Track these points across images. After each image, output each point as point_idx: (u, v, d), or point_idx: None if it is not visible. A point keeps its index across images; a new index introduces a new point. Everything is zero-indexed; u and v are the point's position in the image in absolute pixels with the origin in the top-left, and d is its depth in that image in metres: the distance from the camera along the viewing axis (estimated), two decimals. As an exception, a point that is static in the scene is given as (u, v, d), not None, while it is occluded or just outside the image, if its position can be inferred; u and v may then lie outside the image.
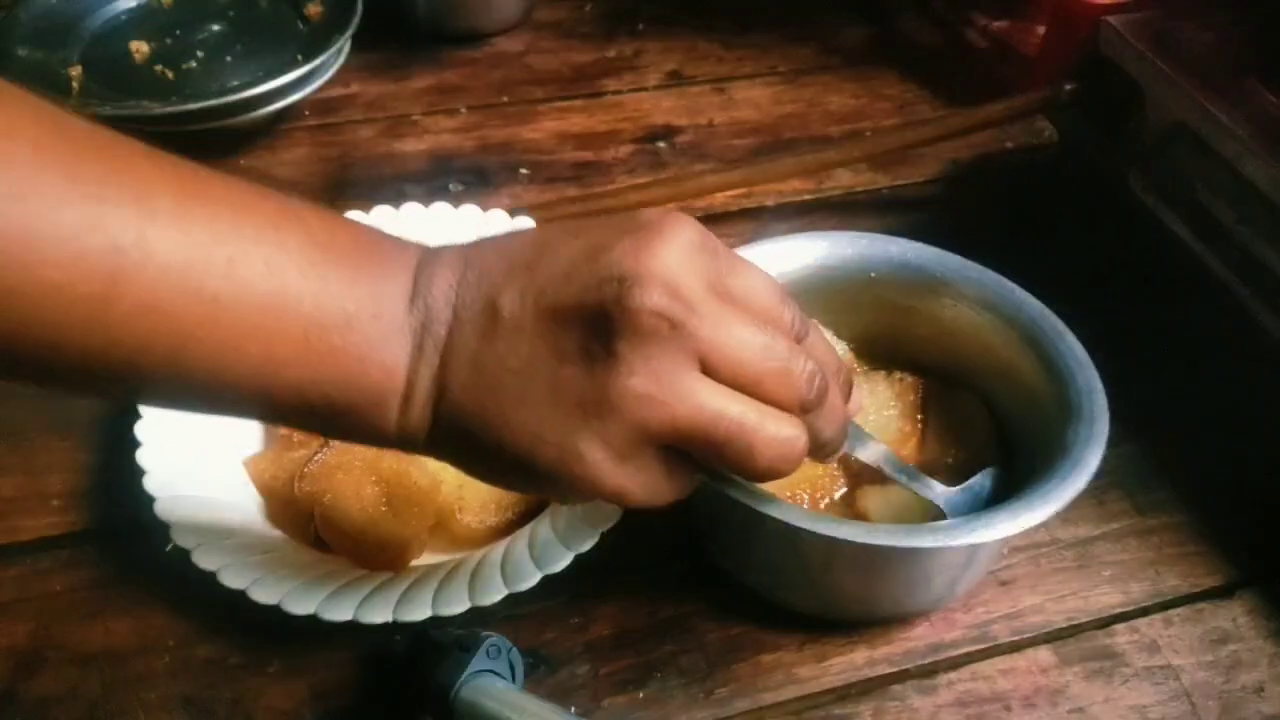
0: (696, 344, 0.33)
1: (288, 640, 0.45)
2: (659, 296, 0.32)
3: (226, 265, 0.30)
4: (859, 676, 0.46)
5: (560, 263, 0.33)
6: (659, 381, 0.32)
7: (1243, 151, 0.55)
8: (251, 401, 0.33)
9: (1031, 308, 0.50)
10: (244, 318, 0.31)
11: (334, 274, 0.32)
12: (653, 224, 0.34)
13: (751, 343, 0.34)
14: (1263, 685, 0.47)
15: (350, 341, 0.32)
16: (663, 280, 0.32)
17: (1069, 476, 0.43)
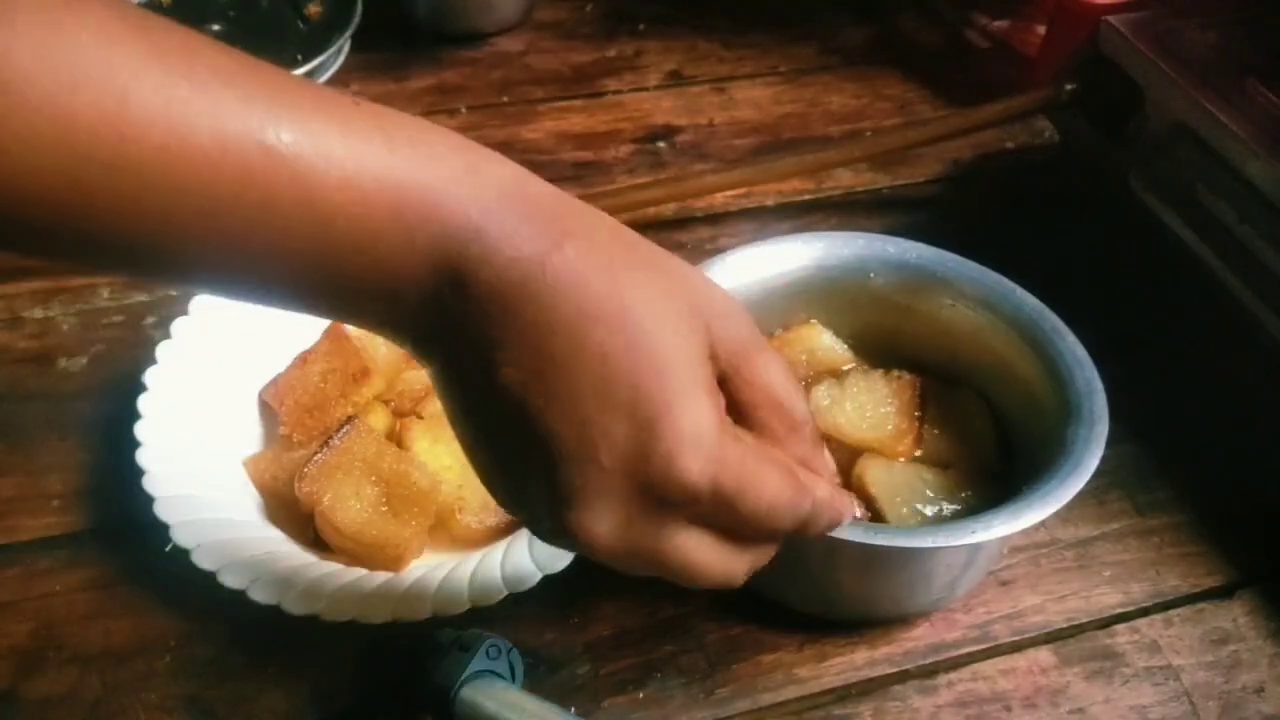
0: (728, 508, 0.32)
1: (288, 640, 0.45)
2: (697, 474, 0.31)
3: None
4: (859, 677, 0.46)
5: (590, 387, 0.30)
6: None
7: (1243, 151, 0.55)
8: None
9: (1031, 307, 0.50)
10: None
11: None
12: (668, 396, 0.30)
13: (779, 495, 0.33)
14: (1263, 685, 0.47)
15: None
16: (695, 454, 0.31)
17: (1069, 477, 0.43)
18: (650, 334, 0.30)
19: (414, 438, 0.51)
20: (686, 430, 0.30)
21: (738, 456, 0.32)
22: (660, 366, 0.30)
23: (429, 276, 0.30)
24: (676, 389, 0.30)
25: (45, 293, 0.62)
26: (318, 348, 0.54)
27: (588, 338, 0.30)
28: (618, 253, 0.31)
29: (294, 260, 0.29)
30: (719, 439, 0.31)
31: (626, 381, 0.30)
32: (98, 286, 0.62)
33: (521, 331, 0.30)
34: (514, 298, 0.30)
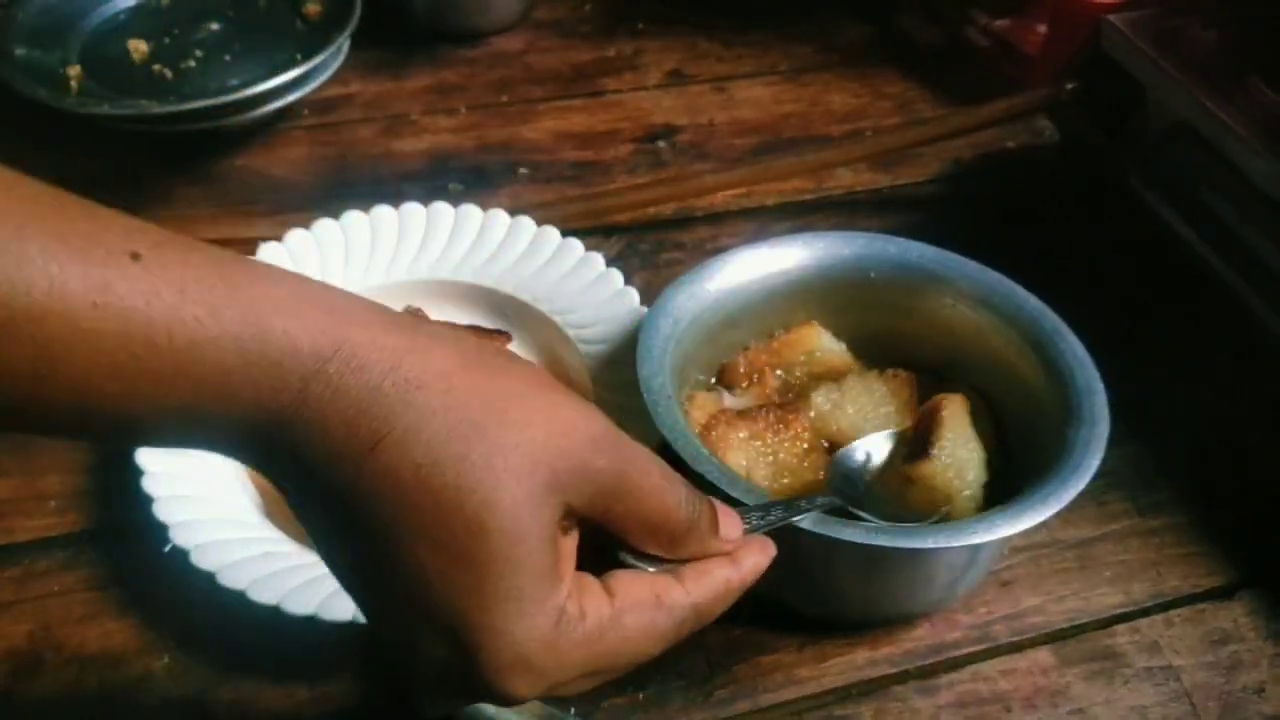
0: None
1: (287, 641, 0.45)
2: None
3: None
4: (859, 677, 0.46)
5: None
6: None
7: (1244, 150, 0.55)
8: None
9: (1032, 307, 0.50)
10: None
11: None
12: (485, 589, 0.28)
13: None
14: (1263, 685, 0.46)
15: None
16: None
17: (1069, 477, 0.43)
18: (473, 541, 0.28)
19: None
20: (507, 658, 0.28)
21: (580, 642, 0.30)
22: (481, 581, 0.28)
23: (259, 443, 0.28)
24: (499, 609, 0.28)
25: (44, 292, 0.62)
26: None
27: (406, 551, 0.28)
28: (448, 423, 0.28)
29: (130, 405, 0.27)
30: (553, 649, 0.29)
31: (443, 604, 0.28)
32: (96, 286, 0.62)
33: (347, 527, 0.28)
34: (335, 491, 0.28)
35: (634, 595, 0.31)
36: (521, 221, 0.61)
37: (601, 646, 0.30)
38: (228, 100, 0.67)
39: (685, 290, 0.51)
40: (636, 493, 0.31)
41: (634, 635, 0.31)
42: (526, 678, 0.29)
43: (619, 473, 0.30)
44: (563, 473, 0.29)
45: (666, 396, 0.45)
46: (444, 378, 0.28)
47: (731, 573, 0.34)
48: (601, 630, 0.30)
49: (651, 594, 0.32)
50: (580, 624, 0.30)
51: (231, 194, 0.69)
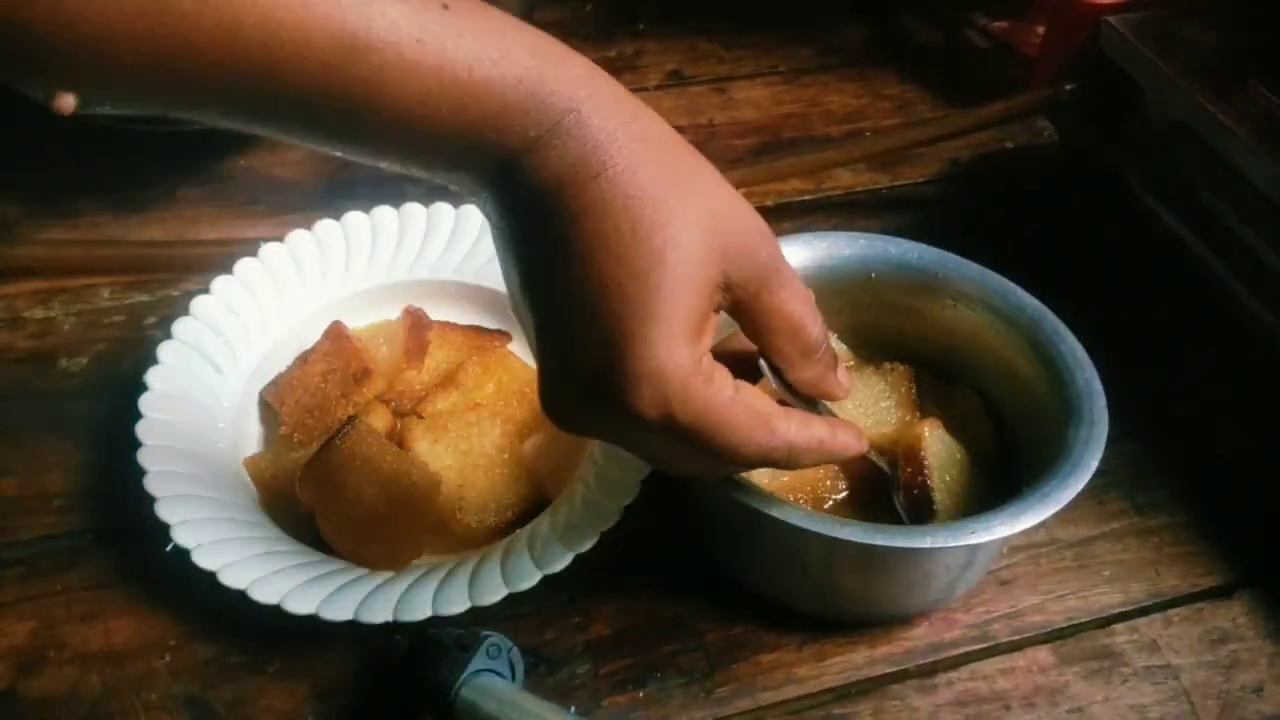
0: None
1: (288, 640, 0.45)
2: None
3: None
4: (859, 676, 0.46)
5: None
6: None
7: (1243, 151, 0.55)
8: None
9: (1031, 308, 0.50)
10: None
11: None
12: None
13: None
14: (1262, 685, 0.47)
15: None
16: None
17: (1068, 477, 0.43)
18: (651, 266, 0.33)
19: (415, 438, 0.51)
20: (647, 365, 0.33)
21: (702, 401, 0.34)
22: (647, 301, 0.33)
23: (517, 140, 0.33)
24: (655, 326, 0.33)
25: (46, 293, 0.62)
26: (318, 348, 0.54)
27: (598, 263, 0.33)
28: (660, 173, 0.34)
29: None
30: (683, 381, 0.33)
31: (614, 310, 0.33)
32: (98, 286, 0.62)
33: (556, 242, 0.34)
34: (555, 207, 0.33)
35: (753, 400, 0.36)
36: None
37: (712, 416, 0.34)
38: (229, 101, 0.68)
39: (685, 290, 0.51)
40: (784, 290, 0.36)
41: (737, 427, 0.35)
42: (653, 394, 0.33)
43: (775, 266, 0.36)
44: (732, 244, 0.35)
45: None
46: (663, 140, 0.36)
47: (828, 434, 0.38)
48: (718, 402, 0.34)
49: (765, 410, 0.36)
50: (708, 383, 0.34)
51: (233, 194, 0.70)
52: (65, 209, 0.67)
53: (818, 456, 0.38)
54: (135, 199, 0.68)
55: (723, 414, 0.35)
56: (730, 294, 0.36)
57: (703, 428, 0.34)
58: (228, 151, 0.72)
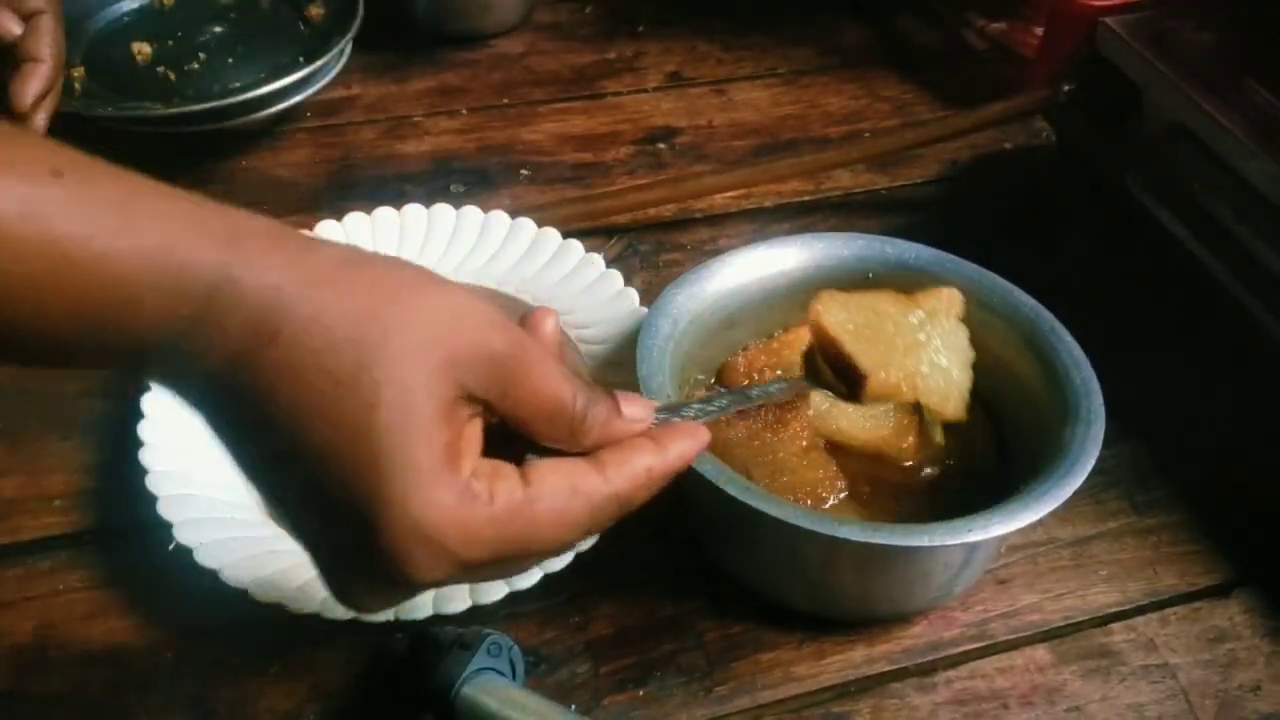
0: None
1: (289, 639, 0.46)
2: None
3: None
4: (858, 674, 0.46)
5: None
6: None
7: (1241, 151, 0.55)
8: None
9: (1029, 307, 0.50)
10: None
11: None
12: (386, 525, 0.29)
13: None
14: (1259, 684, 0.47)
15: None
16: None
17: (1066, 476, 0.43)
18: (366, 417, 0.28)
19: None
20: (406, 527, 0.28)
21: (486, 525, 0.30)
22: (375, 458, 0.28)
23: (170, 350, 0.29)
24: (395, 482, 0.28)
25: (47, 293, 0.62)
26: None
27: (308, 433, 0.28)
28: (346, 310, 0.29)
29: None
30: (455, 522, 0.29)
31: (345, 480, 0.28)
32: (99, 287, 0.62)
33: (254, 423, 0.29)
34: (238, 391, 0.29)
35: (549, 482, 0.31)
36: (522, 223, 0.62)
37: (512, 530, 0.30)
38: (231, 102, 0.68)
39: (685, 290, 0.51)
40: (532, 376, 0.31)
41: (547, 522, 0.31)
42: (428, 551, 0.29)
43: (514, 355, 0.31)
44: (459, 351, 0.29)
45: (666, 396, 0.46)
46: (339, 273, 0.29)
47: (655, 460, 0.33)
48: (512, 514, 0.30)
49: (568, 482, 0.31)
50: (488, 504, 0.30)
51: (234, 196, 0.70)
52: (66, 210, 0.67)
53: (656, 483, 0.33)
54: (136, 200, 0.68)
55: (522, 523, 0.30)
56: (476, 402, 0.30)
57: (507, 547, 0.30)
58: (229, 152, 0.72)
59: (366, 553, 0.29)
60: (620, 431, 0.33)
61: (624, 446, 0.33)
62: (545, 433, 0.32)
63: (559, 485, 0.31)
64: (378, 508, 0.28)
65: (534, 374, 0.31)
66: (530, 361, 0.31)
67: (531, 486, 0.31)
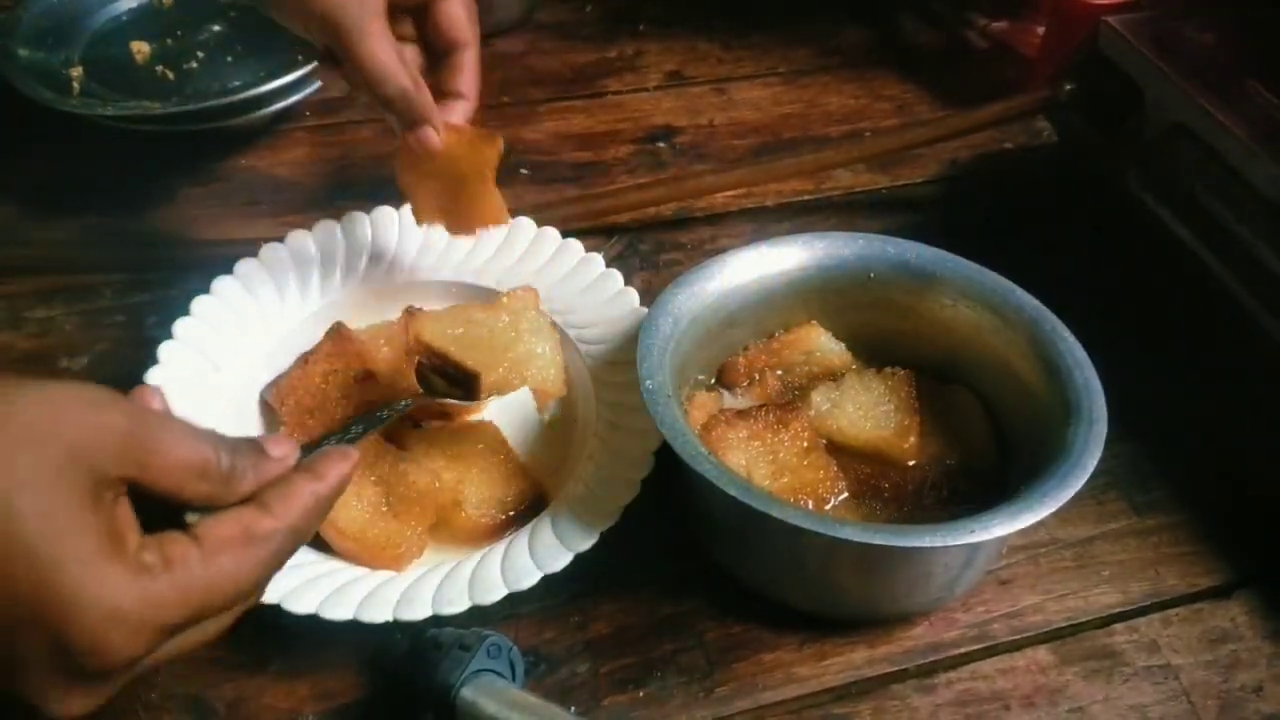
0: None
1: (288, 639, 0.45)
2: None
3: None
4: (859, 675, 0.46)
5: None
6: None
7: (1242, 151, 0.55)
8: None
9: (1030, 307, 0.50)
10: None
11: None
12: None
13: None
14: (1261, 685, 0.47)
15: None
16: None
17: (1067, 476, 0.43)
18: (11, 529, 0.28)
19: (410, 443, 0.51)
20: (96, 617, 0.29)
21: (171, 587, 0.30)
22: (36, 562, 0.28)
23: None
24: (64, 576, 0.29)
25: (47, 292, 0.62)
26: (319, 349, 0.54)
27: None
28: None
29: None
30: (138, 597, 0.30)
31: (19, 607, 0.28)
32: (99, 286, 0.62)
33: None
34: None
35: (221, 534, 0.32)
36: (522, 222, 0.61)
37: (198, 588, 0.31)
38: (230, 102, 0.68)
39: (685, 290, 0.51)
40: (163, 441, 0.31)
41: (230, 571, 0.31)
42: (124, 629, 0.29)
43: (137, 425, 0.31)
44: (77, 441, 0.30)
45: (666, 396, 0.46)
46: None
47: (318, 486, 0.34)
48: (193, 574, 0.31)
49: (239, 529, 0.32)
50: (166, 572, 0.30)
51: (233, 194, 0.70)
52: (66, 209, 0.67)
53: (323, 508, 0.35)
54: (135, 199, 0.68)
55: (206, 579, 0.31)
56: (115, 483, 0.30)
57: (198, 603, 0.31)
58: (228, 152, 0.72)
59: (67, 655, 0.29)
60: (272, 471, 0.34)
61: (283, 483, 0.34)
62: (199, 492, 0.32)
63: (231, 533, 0.32)
64: (60, 610, 0.29)
65: (165, 439, 0.31)
66: (156, 427, 0.31)
67: (204, 543, 0.31)
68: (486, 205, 0.54)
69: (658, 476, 0.48)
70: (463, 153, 0.52)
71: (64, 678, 0.30)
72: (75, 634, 0.29)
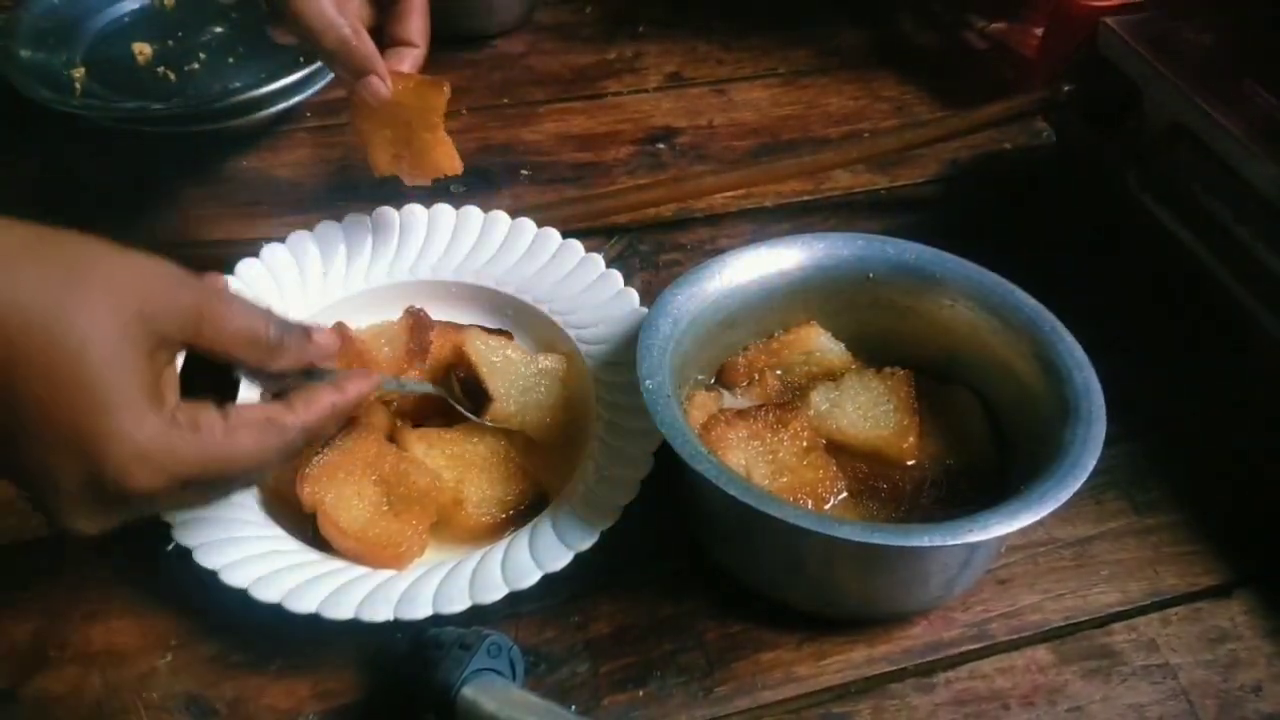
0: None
1: (289, 639, 0.46)
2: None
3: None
4: (858, 675, 0.46)
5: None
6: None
7: (1241, 151, 0.55)
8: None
9: (1029, 308, 0.50)
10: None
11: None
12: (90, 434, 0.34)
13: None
14: (1260, 684, 0.47)
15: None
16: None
17: (1066, 476, 0.43)
18: (78, 367, 0.33)
19: (410, 442, 0.51)
20: (128, 453, 0.34)
21: (197, 446, 0.36)
22: (91, 398, 0.33)
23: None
24: (110, 415, 0.34)
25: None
26: (319, 348, 0.54)
27: (23, 393, 0.33)
28: (43, 279, 0.33)
29: None
30: (165, 443, 0.35)
31: (67, 425, 0.33)
32: (100, 287, 0.62)
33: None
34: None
35: (246, 417, 0.38)
36: (522, 223, 0.62)
37: (215, 452, 0.36)
38: (231, 103, 0.68)
39: (685, 290, 0.51)
40: (223, 316, 0.38)
41: (246, 447, 0.37)
42: (146, 469, 0.34)
43: (202, 301, 0.37)
44: (149, 306, 0.35)
45: (666, 396, 0.46)
46: (26, 246, 0.34)
47: (337, 397, 0.41)
48: (215, 439, 0.36)
49: (263, 416, 0.38)
50: (194, 431, 0.36)
51: (235, 195, 0.70)
52: (66, 209, 0.67)
53: (339, 416, 0.41)
54: (137, 199, 0.68)
55: (225, 445, 0.37)
56: (173, 346, 0.37)
57: (214, 465, 0.36)
58: (230, 153, 0.72)
59: (95, 480, 0.34)
60: (313, 353, 0.41)
61: (308, 390, 0.41)
62: (247, 356, 0.39)
63: (255, 418, 0.38)
64: (101, 443, 0.34)
65: (225, 313, 0.38)
66: (219, 303, 0.38)
67: (230, 419, 0.37)
68: (438, 152, 0.56)
69: (658, 476, 0.48)
70: (410, 100, 0.54)
71: (86, 499, 0.35)
72: (107, 465, 0.34)
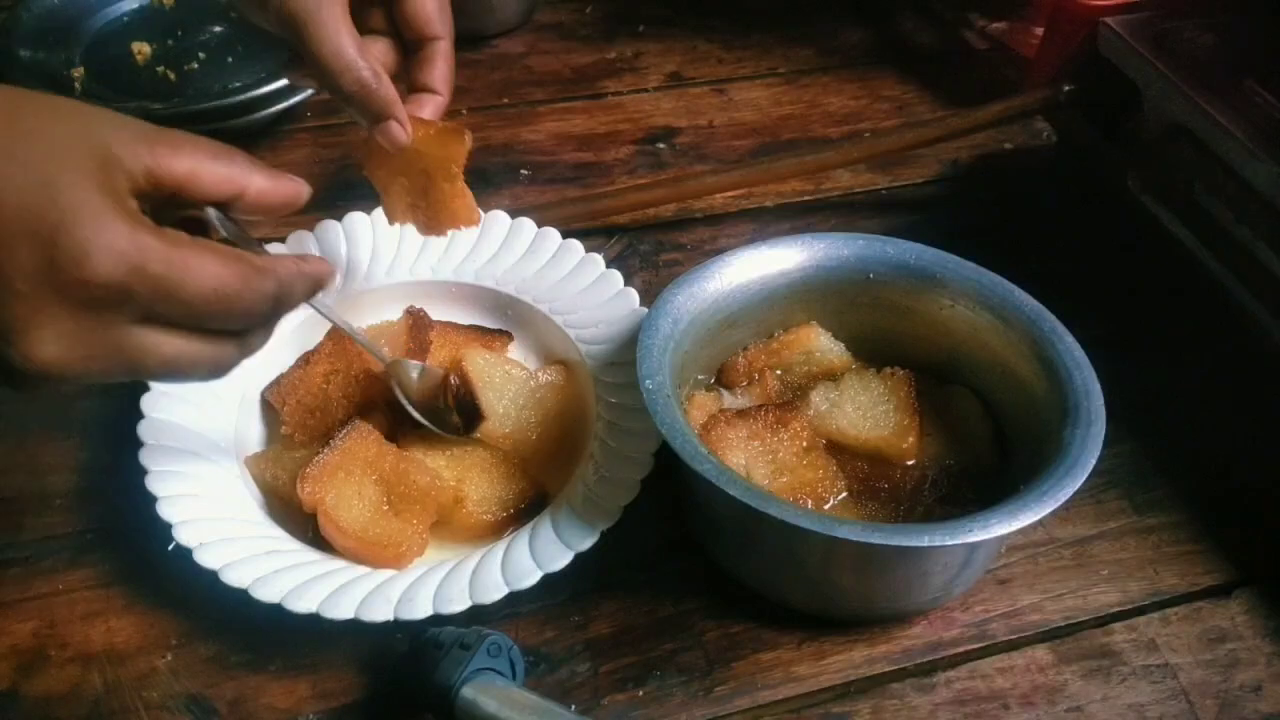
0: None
1: (289, 638, 0.46)
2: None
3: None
4: (858, 675, 0.46)
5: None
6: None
7: (1241, 152, 0.55)
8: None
9: (1029, 308, 0.50)
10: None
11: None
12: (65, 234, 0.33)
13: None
14: (1260, 684, 0.47)
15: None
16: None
17: (1066, 476, 0.43)
18: (40, 166, 0.33)
19: (410, 442, 0.51)
20: (88, 232, 0.33)
21: (162, 246, 0.35)
22: (53, 189, 0.33)
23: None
24: (72, 201, 0.33)
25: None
26: (320, 349, 0.54)
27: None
28: (7, 141, 0.33)
29: None
30: (131, 233, 0.34)
31: (19, 207, 0.33)
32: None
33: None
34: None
35: (217, 247, 0.37)
36: (522, 222, 0.62)
37: (181, 262, 0.35)
38: (231, 102, 0.68)
39: (685, 290, 0.51)
40: (188, 145, 0.37)
41: (214, 271, 0.36)
42: (107, 251, 0.33)
43: (153, 138, 0.36)
44: (113, 147, 0.35)
45: (666, 396, 0.46)
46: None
47: (303, 263, 0.41)
48: (181, 248, 0.35)
49: (234, 253, 0.37)
50: (161, 233, 0.35)
51: (234, 195, 0.70)
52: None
53: (303, 279, 0.41)
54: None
55: (190, 256, 0.35)
56: (147, 189, 0.36)
57: (174, 273, 0.35)
58: (229, 152, 0.72)
59: (52, 264, 0.33)
60: (281, 178, 0.41)
61: (280, 256, 0.40)
62: (217, 173, 0.38)
63: (225, 250, 0.37)
64: (56, 218, 0.33)
65: (180, 136, 0.37)
66: (182, 137, 0.37)
67: (200, 241, 0.36)
68: (456, 204, 0.52)
69: (658, 476, 0.48)
70: (429, 148, 0.51)
71: (41, 295, 0.33)
72: (65, 239, 0.33)
